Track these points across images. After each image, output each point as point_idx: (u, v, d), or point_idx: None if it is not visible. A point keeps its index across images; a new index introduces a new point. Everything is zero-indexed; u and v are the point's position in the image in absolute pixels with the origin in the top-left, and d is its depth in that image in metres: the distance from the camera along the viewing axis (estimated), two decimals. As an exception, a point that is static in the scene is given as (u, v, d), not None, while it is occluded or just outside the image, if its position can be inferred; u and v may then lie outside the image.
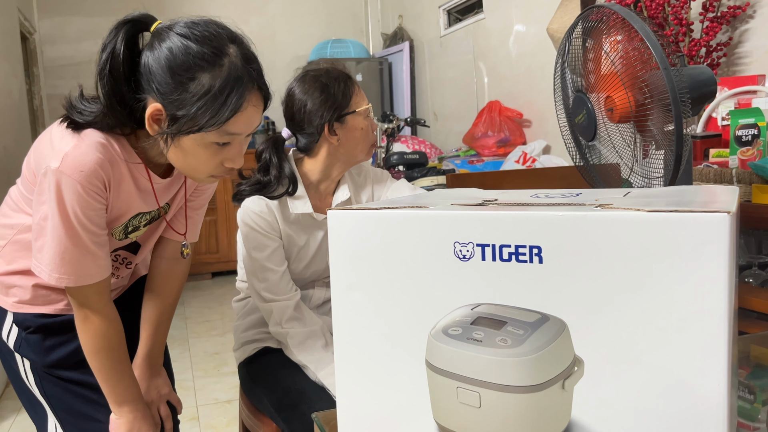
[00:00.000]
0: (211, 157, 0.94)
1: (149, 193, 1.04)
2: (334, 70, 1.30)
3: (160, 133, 0.92)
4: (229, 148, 0.95)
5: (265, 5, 4.85)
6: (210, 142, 0.92)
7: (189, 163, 0.95)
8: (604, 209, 0.53)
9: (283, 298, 1.22)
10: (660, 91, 1.14)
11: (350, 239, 0.64)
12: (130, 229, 1.07)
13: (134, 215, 1.05)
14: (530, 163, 2.81)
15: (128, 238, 1.09)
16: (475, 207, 0.63)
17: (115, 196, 0.98)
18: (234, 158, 0.96)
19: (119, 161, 0.96)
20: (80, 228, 0.93)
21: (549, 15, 2.77)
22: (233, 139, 0.94)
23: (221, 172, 0.98)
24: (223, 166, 0.96)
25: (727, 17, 1.82)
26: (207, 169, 0.96)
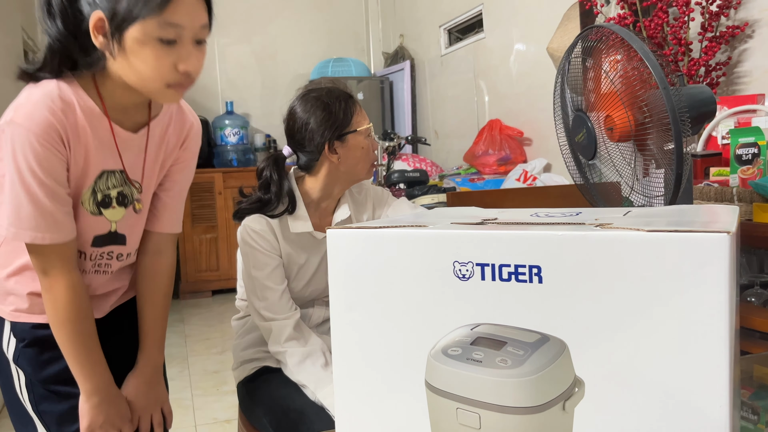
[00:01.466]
0: (159, 58, 0.91)
1: (111, 146, 1.01)
2: (335, 90, 1.30)
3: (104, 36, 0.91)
4: (178, 47, 0.92)
5: (267, 24, 4.90)
6: (154, 39, 0.90)
7: (139, 70, 0.92)
8: (603, 229, 0.53)
9: (282, 317, 1.22)
10: (659, 111, 1.14)
11: (350, 258, 0.64)
12: (100, 196, 1.03)
13: (99, 175, 1.02)
14: (531, 181, 2.81)
15: (102, 215, 1.04)
16: (474, 226, 0.63)
17: (75, 147, 0.96)
18: (185, 58, 0.93)
19: (75, 109, 0.95)
20: (34, 181, 0.92)
21: (549, 34, 2.79)
22: (178, 34, 0.91)
23: (176, 78, 0.94)
24: (176, 71, 0.93)
25: (726, 37, 1.83)
26: (160, 75, 0.92)
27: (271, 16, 4.89)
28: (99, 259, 1.08)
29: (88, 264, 1.08)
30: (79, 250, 1.05)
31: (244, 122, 4.61)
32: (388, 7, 4.94)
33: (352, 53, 5.05)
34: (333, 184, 1.31)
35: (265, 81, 4.93)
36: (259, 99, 4.90)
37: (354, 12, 5.16)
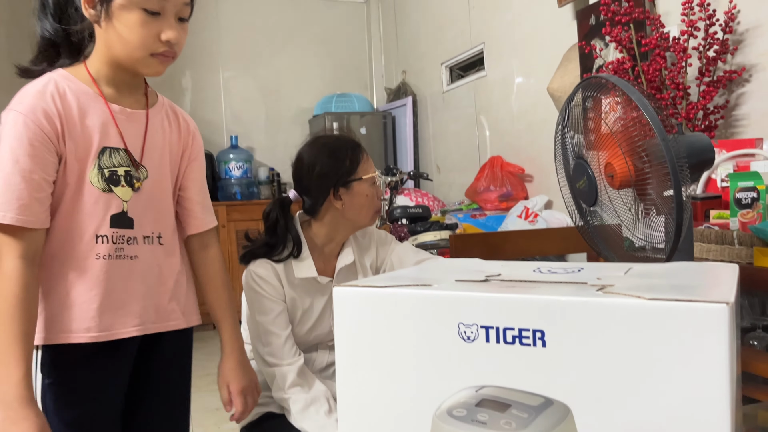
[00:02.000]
0: (143, 27, 0.99)
1: (110, 123, 1.05)
2: (344, 138, 1.34)
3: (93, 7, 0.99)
4: (162, 19, 1.00)
5: (271, 59, 4.98)
6: (139, 9, 0.98)
7: (125, 38, 1.00)
8: (605, 294, 0.55)
9: (286, 362, 1.22)
10: (659, 159, 1.16)
11: (355, 317, 0.65)
12: (107, 173, 1.05)
13: (101, 151, 1.04)
14: (532, 218, 2.83)
15: (113, 192, 1.06)
16: (478, 285, 0.64)
17: (70, 129, 1.00)
18: (167, 29, 1.01)
19: (66, 94, 1.01)
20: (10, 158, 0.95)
21: (549, 73, 2.84)
22: (162, 6, 1.00)
23: (159, 47, 1.01)
24: (159, 41, 1.01)
25: (724, 81, 1.87)
26: (144, 42, 1.00)
27: (275, 51, 4.98)
28: (120, 243, 1.07)
29: (110, 248, 1.06)
30: (98, 234, 1.04)
31: (248, 156, 4.65)
32: (391, 44, 5.03)
33: (355, 88, 5.12)
34: (336, 229, 1.32)
35: (270, 115, 5.00)
36: (263, 133, 4.96)
37: (357, 48, 5.25)
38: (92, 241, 1.04)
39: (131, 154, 1.08)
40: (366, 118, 4.61)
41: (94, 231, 1.04)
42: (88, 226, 1.03)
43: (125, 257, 1.07)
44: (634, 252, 1.37)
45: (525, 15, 3.16)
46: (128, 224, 1.08)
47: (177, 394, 1.21)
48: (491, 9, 3.49)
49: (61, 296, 1.02)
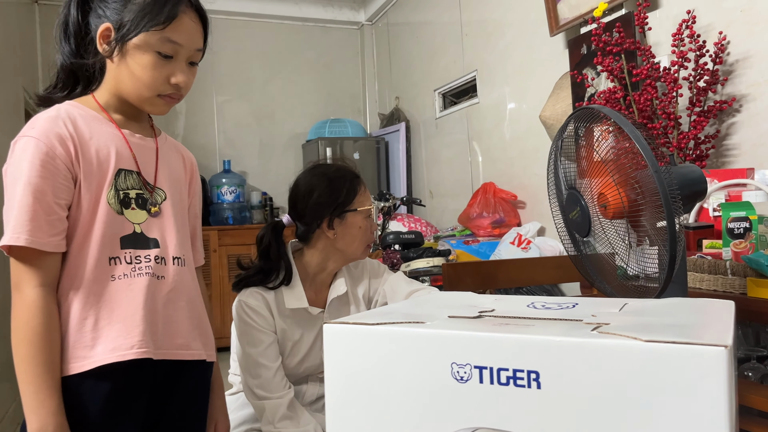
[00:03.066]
0: (155, 69, 1.02)
1: (123, 146, 1.06)
2: (343, 168, 1.34)
3: (108, 44, 1.02)
4: (174, 63, 1.03)
5: (265, 84, 5.00)
6: (153, 51, 1.01)
7: (135, 77, 1.02)
8: (601, 334, 0.53)
9: (276, 396, 1.20)
10: (651, 190, 1.16)
11: (346, 354, 0.64)
12: (122, 195, 1.05)
13: (117, 173, 1.04)
14: (525, 245, 2.82)
15: (123, 213, 1.05)
16: (472, 322, 0.63)
17: (84, 152, 1.00)
18: (178, 73, 1.04)
19: (78, 121, 1.02)
20: (22, 181, 0.94)
21: (541, 100, 2.86)
22: (175, 51, 1.03)
23: (168, 89, 1.04)
24: (168, 83, 1.03)
25: (714, 111, 1.88)
26: (154, 83, 1.02)
27: (269, 76, 5.01)
28: (137, 263, 1.05)
29: (126, 267, 1.04)
30: (111, 256, 1.03)
31: (240, 180, 4.64)
32: (384, 71, 5.07)
33: (349, 114, 5.15)
34: (327, 258, 1.31)
35: (263, 139, 5.00)
36: (256, 157, 4.96)
37: (351, 74, 5.29)
38: (106, 264, 1.02)
39: (144, 178, 1.08)
40: (359, 144, 4.63)
41: (108, 254, 1.02)
42: (102, 249, 1.01)
43: (150, 275, 1.05)
44: (627, 281, 1.36)
45: (517, 43, 3.20)
46: (145, 245, 1.06)
47: None
48: (484, 37, 3.53)
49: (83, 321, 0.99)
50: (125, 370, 0.99)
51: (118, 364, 0.98)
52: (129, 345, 0.99)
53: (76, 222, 1.00)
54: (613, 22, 2.22)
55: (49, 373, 0.94)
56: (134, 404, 1.02)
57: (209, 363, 1.15)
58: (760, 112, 1.87)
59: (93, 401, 0.97)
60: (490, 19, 3.46)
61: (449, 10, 3.91)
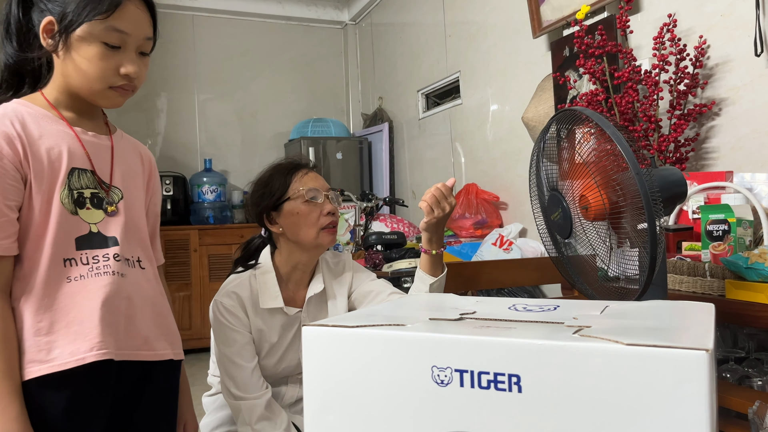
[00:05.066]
0: (103, 60, 0.99)
1: (76, 145, 1.03)
2: (283, 163, 1.34)
3: (52, 37, 0.99)
4: (122, 53, 1.00)
5: (249, 83, 4.97)
6: (99, 43, 0.98)
7: (84, 70, 0.99)
8: (582, 337, 0.53)
9: (252, 396, 1.18)
10: (633, 192, 1.16)
11: (325, 358, 0.62)
12: (75, 194, 1.02)
13: (70, 172, 1.01)
14: (507, 246, 2.83)
15: (77, 213, 1.02)
16: (453, 325, 0.62)
17: (35, 151, 0.98)
18: (127, 63, 1.01)
19: (26, 120, 0.99)
20: None
21: (524, 102, 2.87)
22: (122, 40, 1.00)
23: (118, 81, 1.01)
24: (118, 74, 1.00)
25: (694, 115, 1.90)
26: (103, 75, 0.99)
27: (252, 75, 4.97)
28: (94, 262, 1.02)
29: (83, 268, 1.01)
30: (66, 258, 1.00)
31: (222, 179, 4.60)
32: (368, 71, 5.06)
33: (332, 114, 5.13)
34: (291, 254, 1.31)
35: (245, 139, 4.97)
36: (238, 156, 4.92)
37: (334, 74, 5.27)
38: (60, 265, 0.99)
39: (99, 176, 1.05)
40: (342, 144, 4.61)
41: (62, 255, 0.99)
42: (57, 250, 0.99)
43: (109, 273, 1.02)
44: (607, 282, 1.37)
45: (501, 45, 3.20)
46: (102, 243, 1.04)
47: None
48: (467, 38, 3.54)
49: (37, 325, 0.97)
50: (86, 373, 0.97)
51: (78, 367, 0.96)
52: (88, 347, 0.97)
53: (28, 224, 0.97)
54: (596, 25, 2.23)
55: (8, 379, 0.91)
56: (98, 407, 1.00)
57: (177, 362, 1.13)
58: (739, 115, 1.89)
59: (55, 405, 0.95)
60: (473, 21, 3.47)
61: (433, 11, 3.91)
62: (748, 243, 1.52)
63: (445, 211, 1.22)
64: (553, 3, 2.63)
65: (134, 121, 4.59)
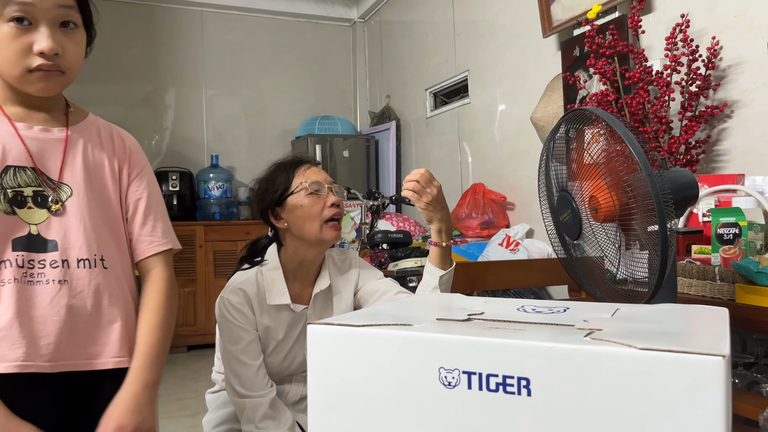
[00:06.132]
0: (13, 40, 0.92)
1: (14, 142, 0.98)
2: (285, 160, 1.34)
3: None
4: (34, 31, 0.93)
5: (256, 79, 4.96)
6: (5, 22, 0.91)
7: (4, 59, 0.93)
8: (594, 341, 0.52)
9: (257, 394, 1.18)
10: (644, 194, 1.15)
11: (330, 357, 0.61)
12: (11, 193, 0.97)
13: (5, 171, 0.97)
14: (513, 246, 2.81)
15: (16, 214, 0.97)
16: (461, 325, 0.61)
17: None
18: (40, 39, 0.92)
19: None
20: None
21: (532, 102, 2.85)
22: (29, 12, 0.92)
23: (34, 61, 0.93)
24: (33, 54, 0.93)
25: (705, 116, 1.88)
26: (14, 57, 0.93)
27: (260, 71, 4.97)
28: (29, 268, 0.97)
29: (16, 272, 0.97)
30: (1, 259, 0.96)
31: (228, 176, 4.60)
32: (376, 69, 5.04)
33: (339, 111, 5.12)
34: (297, 250, 1.30)
35: (252, 135, 4.96)
36: (245, 153, 4.92)
37: (342, 71, 5.26)
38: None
39: (42, 173, 1.00)
40: (349, 141, 4.60)
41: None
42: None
43: (43, 282, 0.98)
44: (616, 285, 1.35)
45: (510, 44, 3.19)
46: (41, 247, 0.99)
47: None
48: (476, 37, 3.52)
49: None
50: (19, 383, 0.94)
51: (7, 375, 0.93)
52: (13, 357, 0.93)
53: None
54: (607, 25, 2.21)
55: None
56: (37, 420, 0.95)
57: None
58: (752, 118, 1.87)
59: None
60: (482, 20, 3.45)
61: (442, 10, 3.89)
62: (759, 247, 1.50)
63: (433, 192, 1.22)
64: (563, 2, 2.61)
65: (142, 116, 4.59)
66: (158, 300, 1.07)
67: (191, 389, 3.43)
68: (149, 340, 1.04)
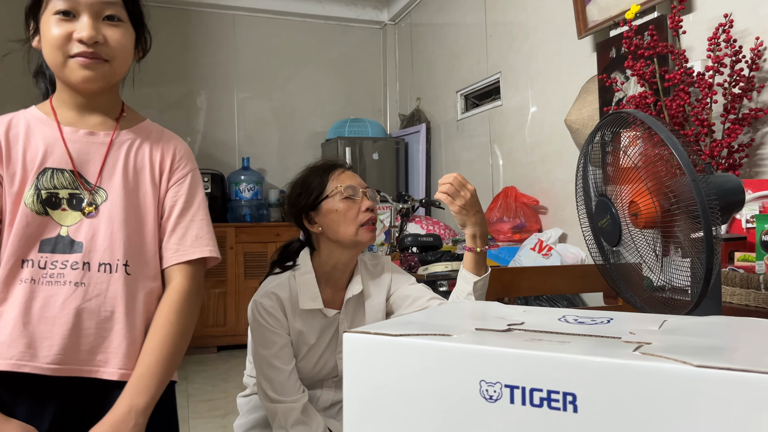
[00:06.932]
0: (56, 27, 0.96)
1: (57, 144, 1.00)
2: (319, 164, 1.34)
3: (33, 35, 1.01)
4: (76, 20, 0.97)
5: (287, 82, 4.99)
6: (52, 14, 0.97)
7: (46, 46, 0.98)
8: (645, 356, 0.49)
9: (289, 399, 1.17)
10: (687, 199, 1.11)
11: (366, 366, 0.60)
12: (45, 194, 0.98)
13: (42, 172, 0.99)
14: (546, 251, 2.77)
15: (48, 215, 0.98)
16: (501, 336, 0.59)
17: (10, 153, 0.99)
18: (80, 29, 0.96)
19: (25, 121, 1.01)
20: None
21: (566, 104, 2.80)
22: (74, 7, 0.96)
23: (73, 47, 0.97)
24: (73, 41, 0.97)
25: (749, 119, 1.82)
26: (57, 42, 0.96)
27: (291, 74, 4.99)
28: (51, 268, 0.97)
29: (35, 272, 0.97)
30: (24, 258, 0.97)
31: (259, 178, 4.63)
32: (406, 70, 5.03)
33: (369, 114, 5.11)
34: (331, 254, 1.29)
35: (283, 137, 4.99)
36: (275, 155, 4.94)
37: (372, 74, 5.26)
38: (17, 266, 0.96)
39: (80, 176, 1.01)
40: (379, 144, 4.59)
41: (20, 255, 0.96)
42: (16, 250, 0.96)
43: (60, 283, 0.97)
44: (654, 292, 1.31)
45: (543, 46, 3.14)
46: (67, 248, 0.98)
47: None
48: (509, 39, 3.48)
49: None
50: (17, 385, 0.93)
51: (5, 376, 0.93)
52: (8, 355, 0.93)
53: (2, 224, 0.98)
54: (645, 25, 2.16)
55: None
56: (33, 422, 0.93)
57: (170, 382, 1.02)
58: (797, 121, 1.80)
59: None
60: (515, 21, 3.41)
61: (474, 12, 3.86)
62: (807, 255, 1.44)
63: (467, 196, 1.20)
64: (600, 3, 2.56)
65: (175, 118, 4.65)
66: (167, 316, 1.01)
67: (221, 389, 3.45)
68: (146, 360, 0.98)
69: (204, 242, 1.06)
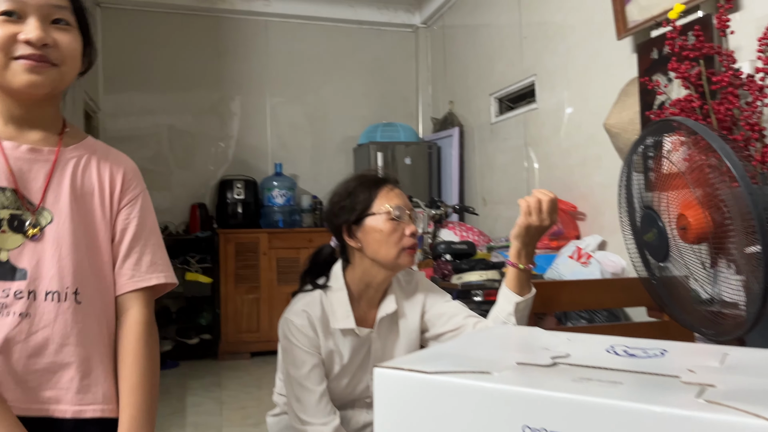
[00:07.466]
0: (3, 31, 0.89)
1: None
2: (367, 175, 1.28)
3: None
4: (22, 22, 0.90)
5: (320, 86, 4.99)
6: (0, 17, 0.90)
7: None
8: (712, 406, 0.44)
9: (319, 422, 1.13)
10: (743, 212, 1.04)
11: (399, 404, 0.55)
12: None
13: None
14: (585, 259, 2.68)
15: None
16: (546, 374, 0.54)
17: None
18: (28, 30, 0.90)
19: None
20: None
21: (604, 107, 2.71)
22: (20, 8, 0.90)
23: (19, 49, 0.90)
24: (20, 43, 0.90)
25: (802, 122, 1.72)
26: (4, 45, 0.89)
27: (323, 79, 4.99)
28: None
29: None
30: None
31: (291, 183, 4.64)
32: (439, 74, 4.97)
33: (401, 118, 5.07)
34: (367, 272, 1.24)
35: (315, 142, 4.99)
36: (308, 160, 4.95)
37: (404, 77, 5.22)
38: None
39: (22, 196, 0.93)
40: (411, 148, 4.55)
41: None
42: None
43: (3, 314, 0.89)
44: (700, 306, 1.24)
45: (580, 47, 3.05)
46: (8, 275, 0.91)
47: None
48: (544, 40, 3.40)
49: None
50: None
51: None
52: None
53: None
54: (690, 25, 2.07)
55: None
56: None
57: (110, 420, 0.95)
58: None
59: None
60: (551, 22, 3.33)
61: (508, 13, 3.78)
62: None
63: (544, 223, 1.14)
64: (640, 2, 2.47)
65: (208, 124, 4.69)
66: (137, 350, 0.97)
67: (254, 396, 3.45)
68: (132, 401, 0.94)
69: (159, 268, 1.02)
